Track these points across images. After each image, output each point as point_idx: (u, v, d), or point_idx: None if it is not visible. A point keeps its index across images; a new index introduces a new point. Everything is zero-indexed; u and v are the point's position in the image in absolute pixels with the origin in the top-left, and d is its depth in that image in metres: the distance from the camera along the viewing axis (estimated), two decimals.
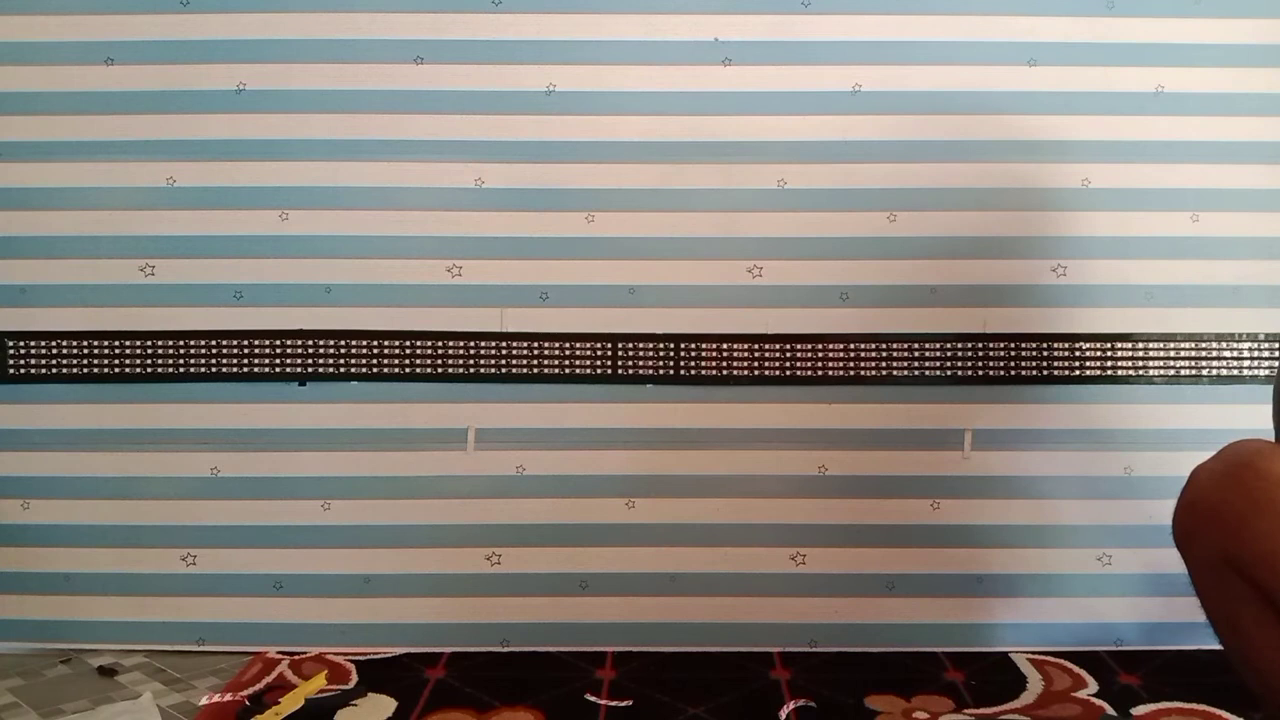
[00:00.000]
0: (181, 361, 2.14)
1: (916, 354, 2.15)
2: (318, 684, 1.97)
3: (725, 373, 2.15)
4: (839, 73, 2.13)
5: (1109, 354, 2.16)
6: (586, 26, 2.12)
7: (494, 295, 2.15)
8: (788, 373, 2.15)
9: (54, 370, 2.14)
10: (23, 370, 2.14)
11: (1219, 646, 2.16)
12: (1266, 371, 2.15)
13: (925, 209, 2.14)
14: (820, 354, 2.15)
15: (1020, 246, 2.15)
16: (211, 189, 2.13)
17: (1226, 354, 2.16)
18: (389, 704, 1.91)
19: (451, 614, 2.17)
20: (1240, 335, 2.16)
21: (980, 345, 2.15)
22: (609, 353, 2.15)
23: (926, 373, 2.16)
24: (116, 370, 2.14)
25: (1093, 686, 2.00)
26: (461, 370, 2.15)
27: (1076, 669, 2.07)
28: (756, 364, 2.15)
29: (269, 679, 2.00)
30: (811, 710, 1.88)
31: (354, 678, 2.02)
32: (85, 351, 2.14)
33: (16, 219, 2.13)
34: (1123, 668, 2.08)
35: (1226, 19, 2.13)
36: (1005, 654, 2.14)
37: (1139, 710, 1.91)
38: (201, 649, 2.15)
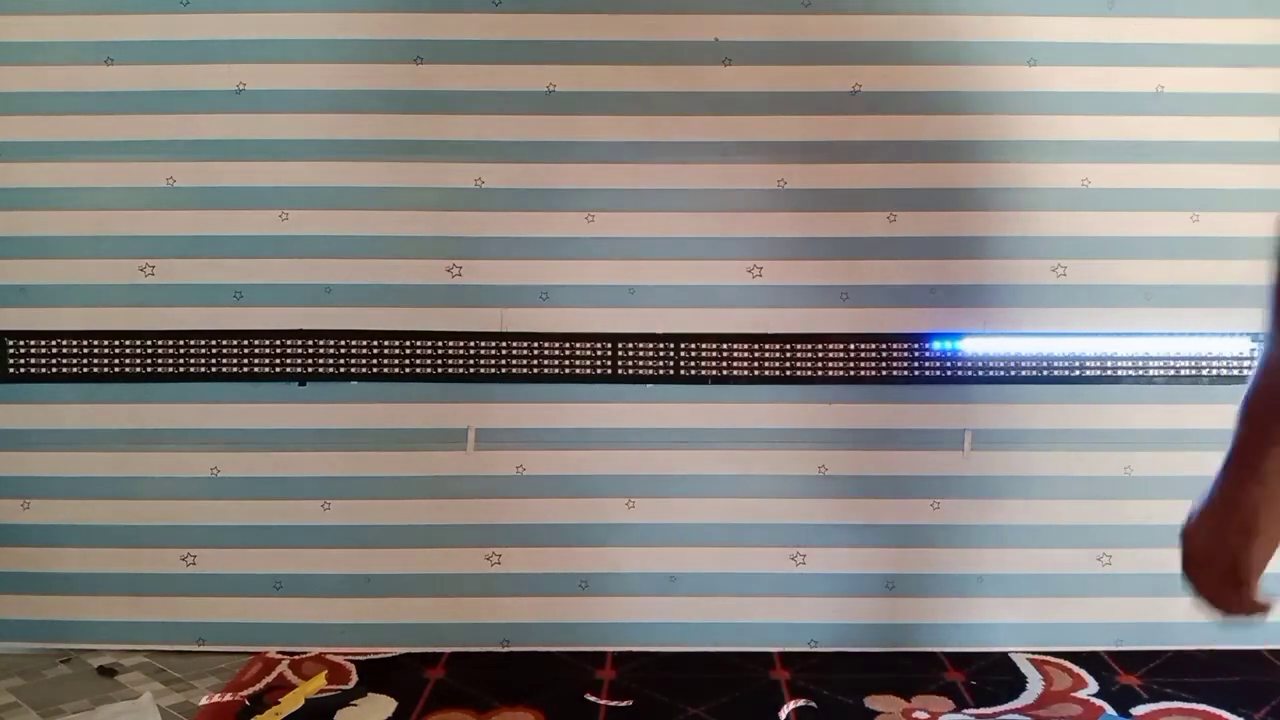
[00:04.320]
0: (181, 361, 2.14)
1: (916, 354, 2.15)
2: (318, 684, 1.97)
3: (725, 373, 2.15)
4: (839, 73, 2.13)
5: (1109, 354, 2.16)
6: (586, 26, 2.12)
7: (494, 295, 2.15)
8: (788, 373, 2.15)
9: (54, 370, 2.14)
10: (23, 370, 2.14)
11: (1219, 646, 2.18)
12: None
13: (925, 209, 2.14)
14: (820, 354, 2.15)
15: (1020, 246, 2.15)
16: (211, 189, 2.13)
17: (1226, 354, 2.16)
18: (389, 704, 1.91)
19: (451, 614, 2.17)
20: (1240, 335, 2.16)
21: (977, 344, 2.15)
22: (609, 353, 2.15)
23: (926, 373, 2.16)
24: (116, 370, 2.14)
25: (1093, 686, 2.00)
26: (461, 370, 2.15)
27: (1076, 669, 2.08)
28: (756, 364, 2.15)
29: (269, 679, 2.00)
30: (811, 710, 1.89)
31: (354, 678, 2.02)
32: (85, 351, 2.14)
33: (16, 219, 2.13)
34: (1123, 668, 2.08)
35: (1226, 19, 2.13)
36: (1005, 654, 2.14)
37: (1139, 710, 1.91)
38: (201, 649, 2.15)
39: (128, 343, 2.14)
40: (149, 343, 2.14)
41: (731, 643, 2.16)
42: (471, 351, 2.15)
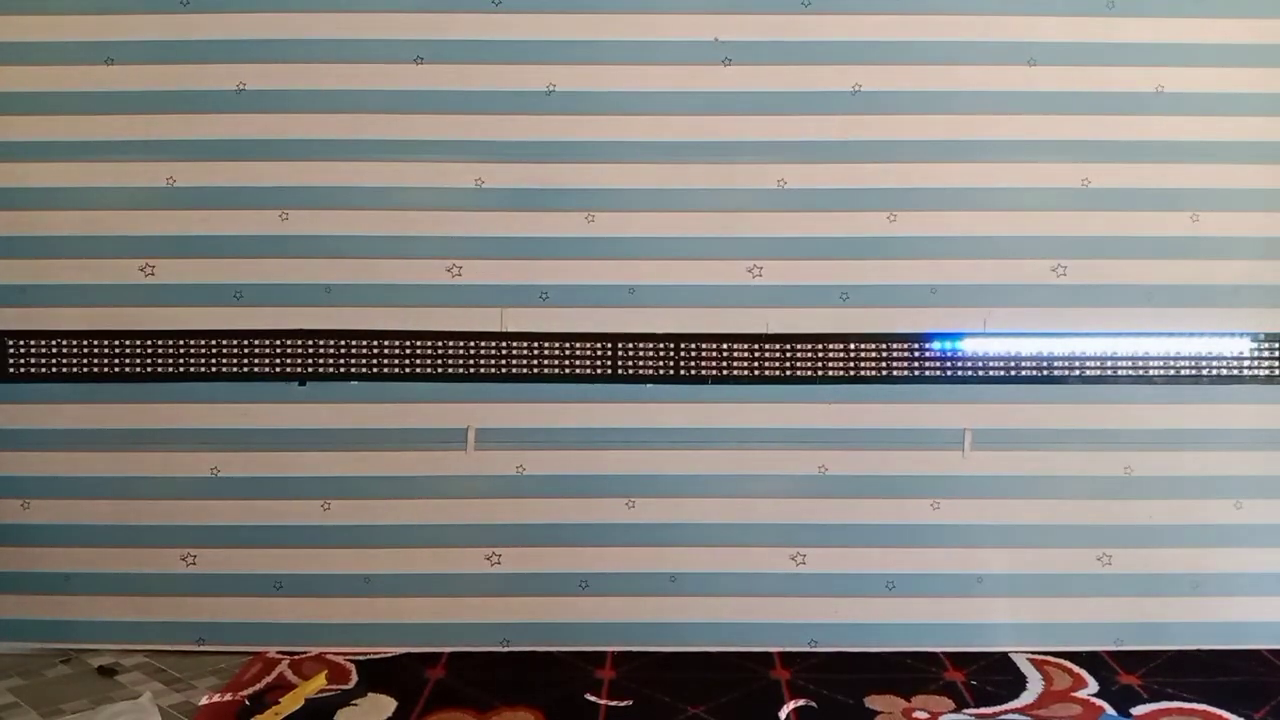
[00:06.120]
0: (181, 361, 2.14)
1: (916, 354, 2.15)
2: (318, 684, 1.97)
3: (725, 373, 2.15)
4: (839, 73, 2.13)
5: (1109, 354, 2.16)
6: (586, 26, 2.12)
7: (494, 295, 2.15)
8: (788, 373, 2.15)
9: (54, 370, 2.14)
10: (23, 370, 2.14)
11: (1219, 646, 2.18)
12: (1267, 371, 2.15)
13: (925, 209, 2.14)
14: (820, 354, 2.15)
15: (1020, 246, 2.15)
16: (211, 189, 2.13)
17: (1226, 354, 2.16)
18: (389, 704, 1.91)
19: (451, 614, 2.17)
20: (1240, 335, 2.16)
21: (977, 344, 2.15)
22: (609, 353, 2.15)
23: (926, 373, 2.16)
24: (116, 370, 2.14)
25: (1093, 686, 2.00)
26: (461, 370, 2.15)
27: (1076, 669, 2.08)
28: (756, 364, 2.15)
29: (269, 679, 2.00)
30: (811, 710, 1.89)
31: (354, 678, 2.02)
32: (85, 351, 2.14)
33: (16, 219, 2.12)
34: (1123, 668, 2.08)
35: (1227, 19, 2.13)
36: (1005, 654, 2.14)
37: (1139, 710, 1.91)
38: (201, 649, 2.15)
39: (128, 343, 2.14)
40: (149, 343, 2.14)
41: (732, 642, 2.16)
42: (471, 351, 2.15)
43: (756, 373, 2.15)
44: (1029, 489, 2.17)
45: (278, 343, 2.14)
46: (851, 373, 2.15)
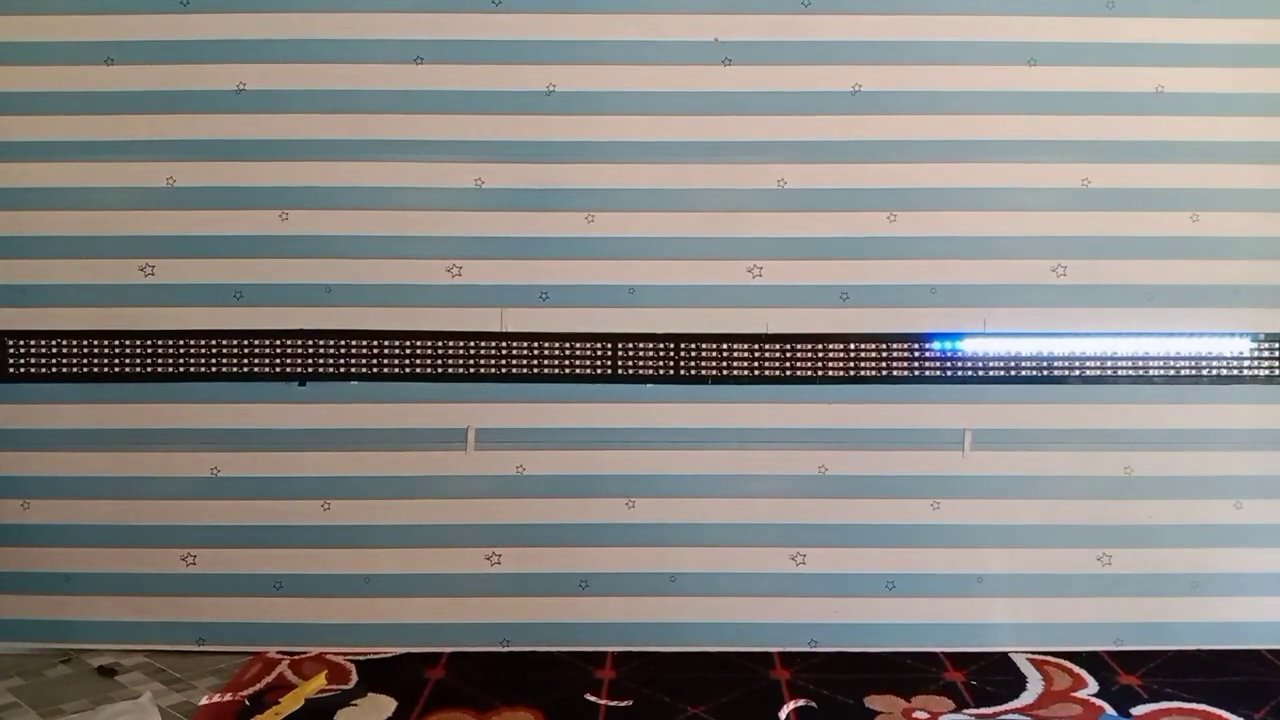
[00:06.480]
0: (181, 361, 2.14)
1: (916, 354, 2.15)
2: (318, 684, 1.97)
3: (725, 373, 2.15)
4: (839, 73, 2.13)
5: (1109, 354, 2.16)
6: (586, 26, 2.12)
7: (494, 295, 2.15)
8: (788, 373, 2.15)
9: (54, 370, 2.14)
10: (23, 370, 2.14)
11: (1219, 646, 2.18)
12: (1267, 371, 2.15)
13: (925, 209, 2.14)
14: (820, 354, 2.15)
15: (1020, 246, 2.15)
16: (211, 189, 2.13)
17: (1226, 354, 2.16)
18: (389, 704, 1.91)
19: (451, 614, 2.17)
20: (1240, 335, 2.16)
21: (977, 344, 2.15)
22: (609, 353, 2.15)
23: (926, 373, 2.16)
24: (116, 370, 2.14)
25: (1093, 686, 2.00)
26: (461, 370, 2.15)
27: (1076, 669, 2.07)
28: (756, 364, 2.15)
29: (269, 679, 2.00)
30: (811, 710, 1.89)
31: (354, 678, 2.02)
32: (85, 351, 2.14)
33: (16, 219, 2.12)
34: (1123, 668, 2.08)
35: (1226, 19, 2.13)
36: (1005, 654, 2.14)
37: (1139, 710, 1.91)
38: (201, 649, 2.15)
39: (128, 343, 2.14)
40: (149, 343, 2.14)
41: (732, 642, 2.16)
42: (471, 351, 2.15)
43: (756, 373, 2.15)
44: (1029, 489, 2.17)
45: (278, 343, 2.14)
46: (851, 373, 2.15)
